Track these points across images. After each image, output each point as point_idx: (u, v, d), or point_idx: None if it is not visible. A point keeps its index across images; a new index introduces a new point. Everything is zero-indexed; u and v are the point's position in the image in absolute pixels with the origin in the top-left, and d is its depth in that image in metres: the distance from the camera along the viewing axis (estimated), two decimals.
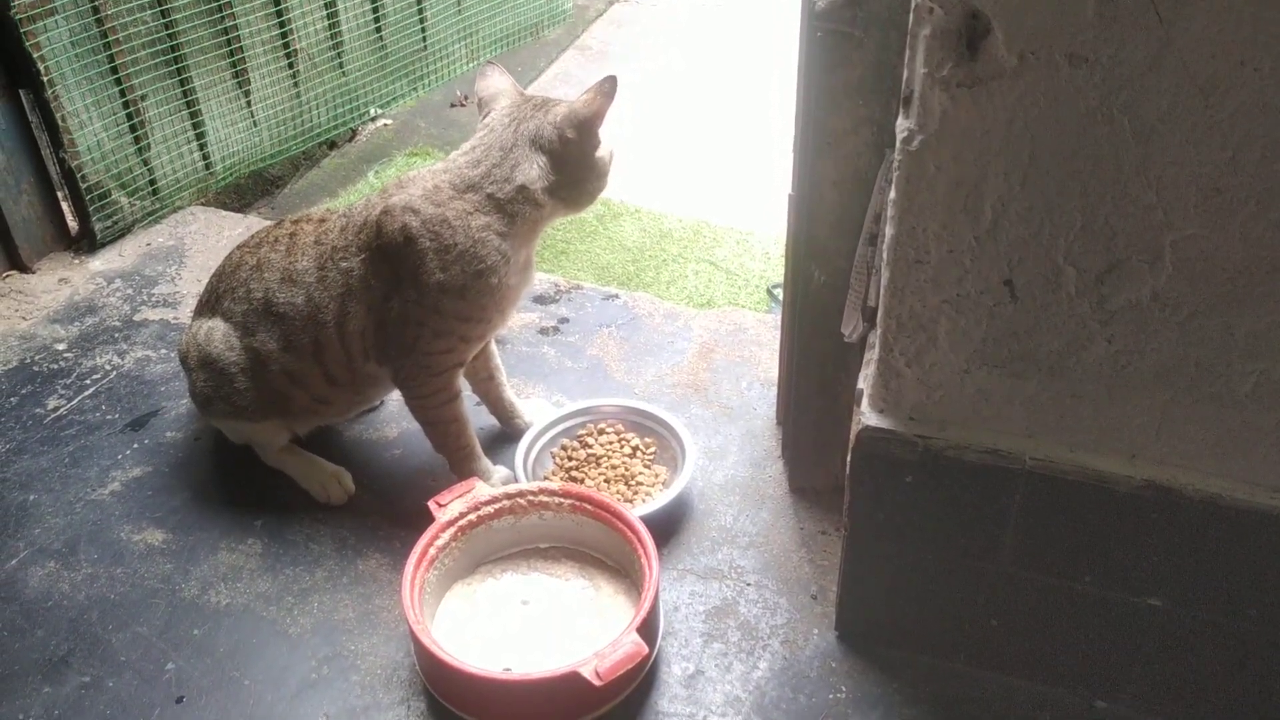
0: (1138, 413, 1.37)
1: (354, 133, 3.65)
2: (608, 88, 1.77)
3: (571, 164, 1.81)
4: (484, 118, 1.85)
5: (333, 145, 3.59)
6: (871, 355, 1.52)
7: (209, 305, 1.98)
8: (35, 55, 2.45)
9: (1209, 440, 1.36)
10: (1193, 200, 1.20)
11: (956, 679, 1.66)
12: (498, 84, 1.87)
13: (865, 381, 1.53)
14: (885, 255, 1.38)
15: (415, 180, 1.81)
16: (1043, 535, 1.49)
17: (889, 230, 1.35)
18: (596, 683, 1.49)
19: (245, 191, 3.31)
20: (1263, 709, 1.53)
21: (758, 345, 2.39)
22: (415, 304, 1.78)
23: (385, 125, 3.74)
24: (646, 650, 1.54)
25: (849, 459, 1.53)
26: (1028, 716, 1.61)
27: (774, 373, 2.22)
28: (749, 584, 1.83)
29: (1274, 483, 1.35)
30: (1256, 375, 1.29)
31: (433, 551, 1.72)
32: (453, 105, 3.98)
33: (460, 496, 1.78)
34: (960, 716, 1.62)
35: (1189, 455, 1.38)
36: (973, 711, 1.62)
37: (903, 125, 1.28)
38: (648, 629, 1.60)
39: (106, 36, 2.59)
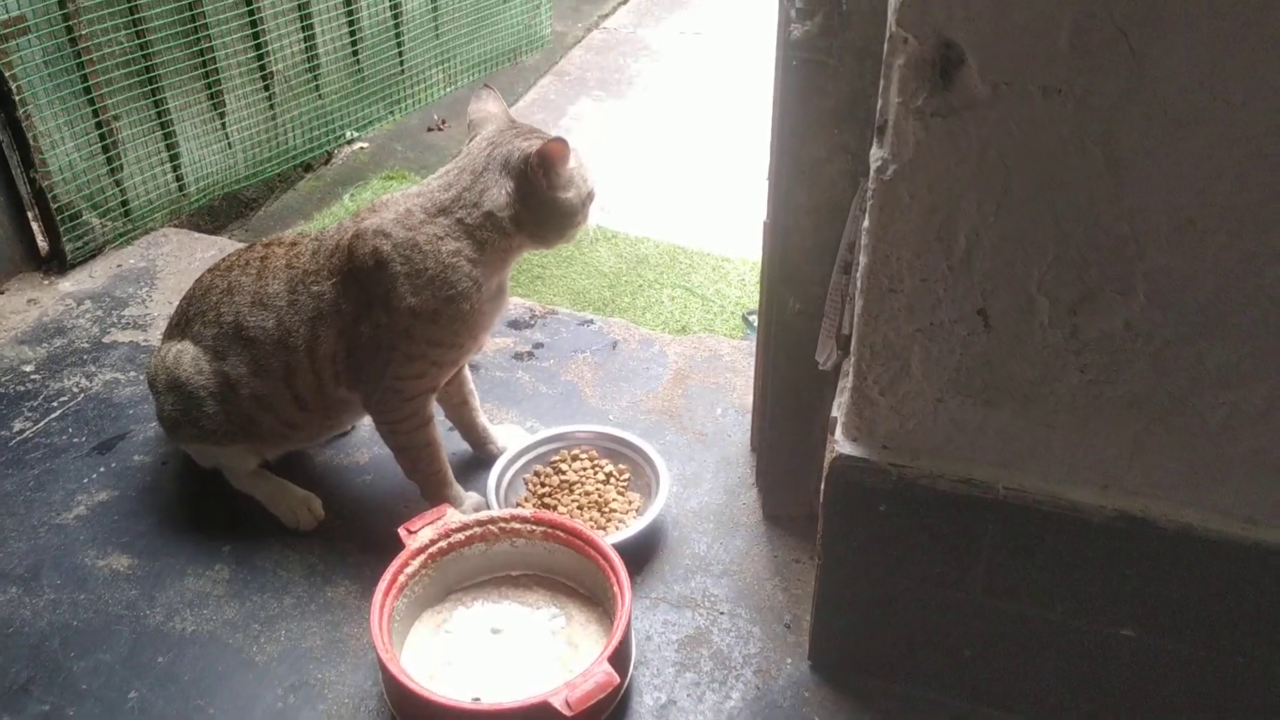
0: (1111, 443, 1.37)
1: (330, 156, 3.64)
2: (565, 146, 1.73)
3: (536, 199, 1.76)
4: (469, 142, 1.84)
5: (308, 168, 3.58)
6: (846, 383, 1.51)
7: (178, 328, 1.96)
8: (8, 74, 2.42)
9: (1182, 470, 1.36)
10: (1165, 231, 1.20)
11: (930, 708, 1.65)
12: (489, 109, 1.86)
13: (839, 410, 1.53)
14: (859, 283, 1.37)
15: (388, 204, 1.80)
16: (1016, 565, 1.48)
17: (863, 259, 1.35)
18: (567, 713, 1.47)
19: (219, 213, 3.29)
20: None
21: (733, 372, 2.38)
22: (387, 329, 1.77)
23: (361, 148, 3.73)
24: (618, 680, 1.53)
25: (823, 487, 1.53)
26: None
27: (749, 399, 2.21)
28: (722, 613, 1.82)
29: (1246, 513, 1.35)
30: (1229, 406, 1.30)
31: (402, 579, 1.70)
32: (430, 129, 3.97)
33: (431, 523, 1.76)
34: None
35: (1162, 485, 1.38)
36: None
37: (877, 154, 1.28)
38: (620, 658, 1.59)
39: (80, 56, 2.57)
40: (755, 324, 2.82)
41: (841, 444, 1.49)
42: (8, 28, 2.41)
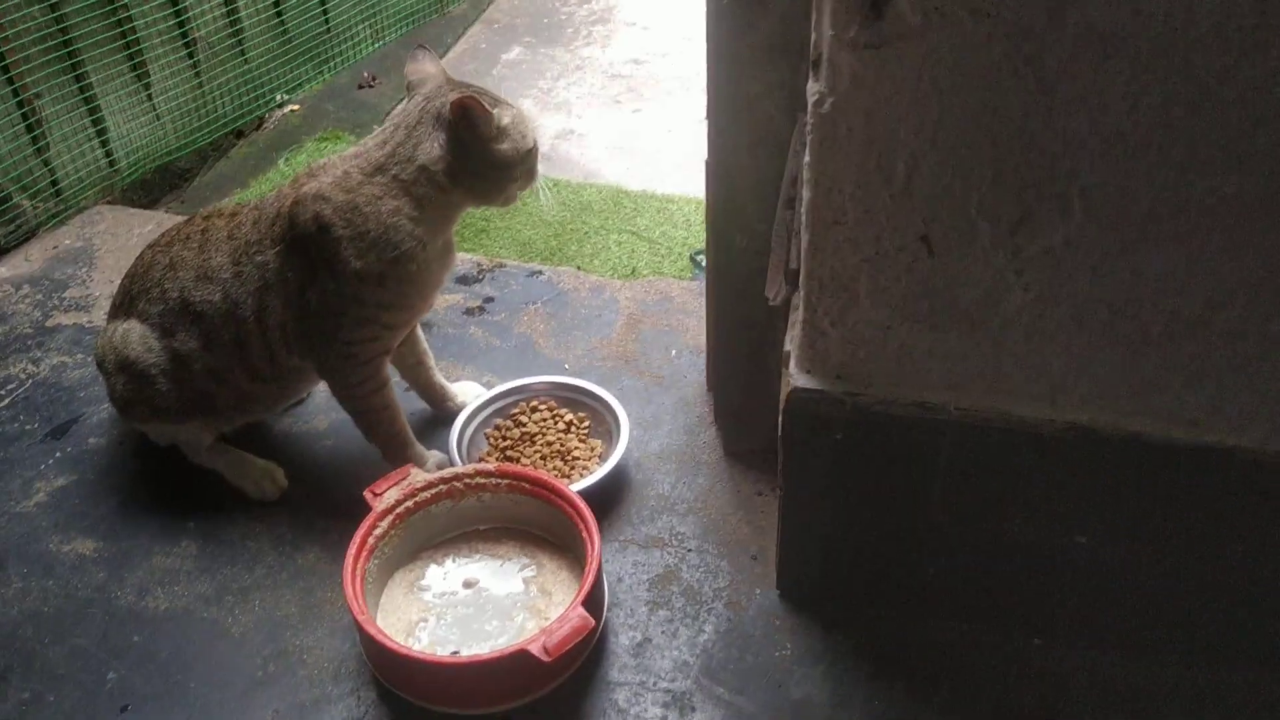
0: (1056, 357, 1.40)
1: (261, 120, 3.58)
2: (481, 98, 1.71)
3: (468, 151, 1.74)
4: (407, 102, 1.82)
5: (240, 134, 3.52)
6: (796, 317, 1.53)
7: (123, 307, 1.94)
8: None
9: (1126, 379, 1.40)
10: (1097, 148, 1.23)
11: (897, 627, 1.70)
12: (426, 69, 1.83)
13: (792, 343, 1.55)
14: (804, 217, 1.39)
15: (326, 168, 1.78)
16: (971, 483, 1.52)
17: (806, 193, 1.36)
18: (545, 659, 1.50)
19: (152, 187, 3.23)
20: (1190, 637, 1.59)
21: (684, 313, 2.40)
22: (335, 294, 1.76)
23: (293, 111, 3.67)
24: (593, 623, 1.55)
25: (780, 420, 1.55)
26: (967, 660, 1.66)
27: (702, 339, 2.23)
28: (690, 549, 1.85)
29: (1189, 416, 1.40)
30: (1167, 315, 1.33)
31: (371, 541, 1.71)
32: (360, 87, 3.91)
33: (396, 484, 1.77)
34: (902, 664, 1.66)
35: (1108, 395, 1.42)
36: (914, 658, 1.66)
37: (813, 89, 1.29)
38: (593, 602, 1.61)
39: None
40: (703, 264, 2.83)
41: (796, 376, 1.51)
42: None
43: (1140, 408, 1.41)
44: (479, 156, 1.75)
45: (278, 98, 3.55)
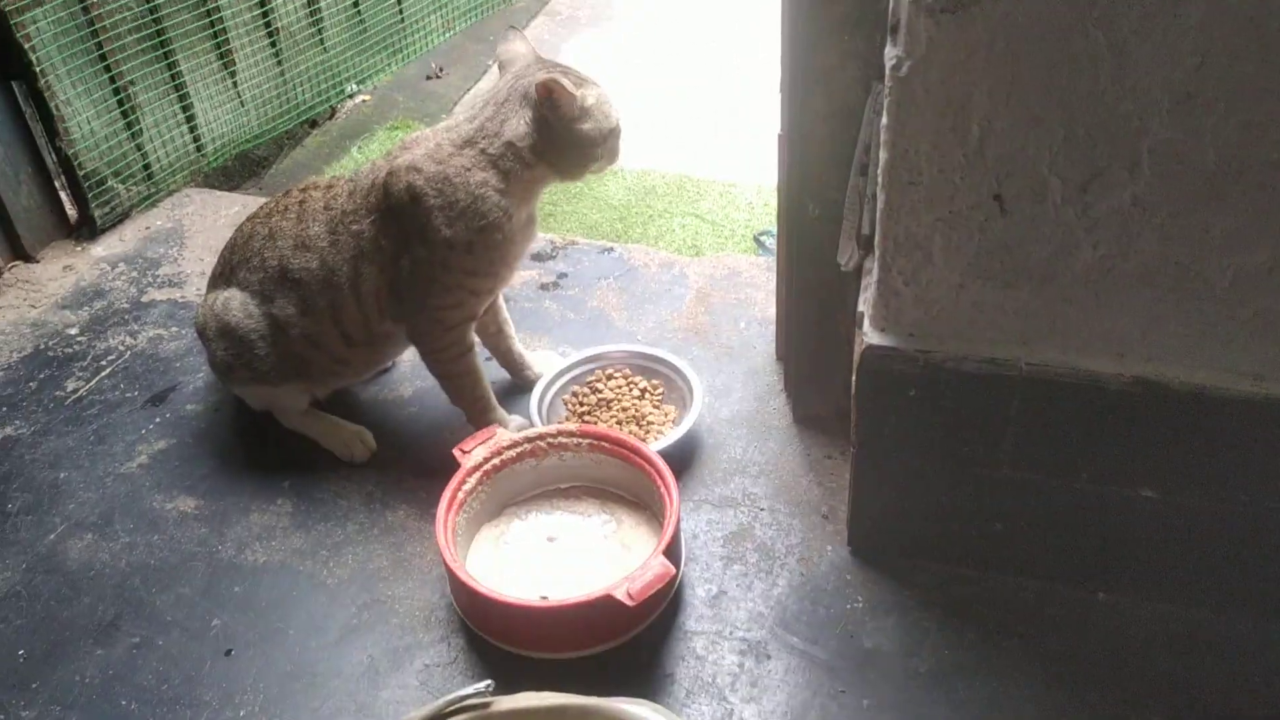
0: (1124, 313, 1.45)
1: (333, 111, 3.70)
2: (563, 80, 1.77)
3: (553, 129, 1.82)
4: (498, 79, 1.90)
5: (314, 124, 3.64)
6: (869, 279, 1.60)
7: (223, 276, 2.04)
8: (26, 46, 2.48)
9: (1192, 334, 1.45)
10: (1166, 106, 1.28)
11: (965, 582, 1.76)
12: (517, 49, 1.92)
13: (865, 304, 1.61)
14: (880, 179, 1.45)
15: (420, 140, 1.87)
16: (1040, 437, 1.58)
17: (883, 155, 1.42)
18: (629, 603, 1.57)
19: (233, 173, 3.36)
20: (1255, 590, 1.63)
21: (752, 287, 2.46)
22: (425, 261, 1.85)
23: (364, 101, 3.79)
24: (674, 570, 1.62)
25: (854, 379, 1.61)
26: (1033, 613, 1.71)
27: (770, 312, 2.30)
28: (762, 509, 1.92)
29: (1254, 370, 1.44)
30: (1233, 270, 1.38)
31: (461, 495, 1.80)
32: (428, 78, 4.03)
33: (483, 443, 1.86)
34: (970, 616, 1.71)
35: (1174, 350, 1.46)
36: (982, 611, 1.72)
37: (891, 53, 1.35)
38: (671, 554, 1.68)
39: (94, 24, 2.63)
40: (767, 244, 2.90)
41: (870, 335, 1.58)
42: (23, 0, 2.47)
43: (1205, 362, 1.46)
44: (562, 135, 1.83)
45: (349, 88, 3.66)
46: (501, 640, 1.69)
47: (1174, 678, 1.60)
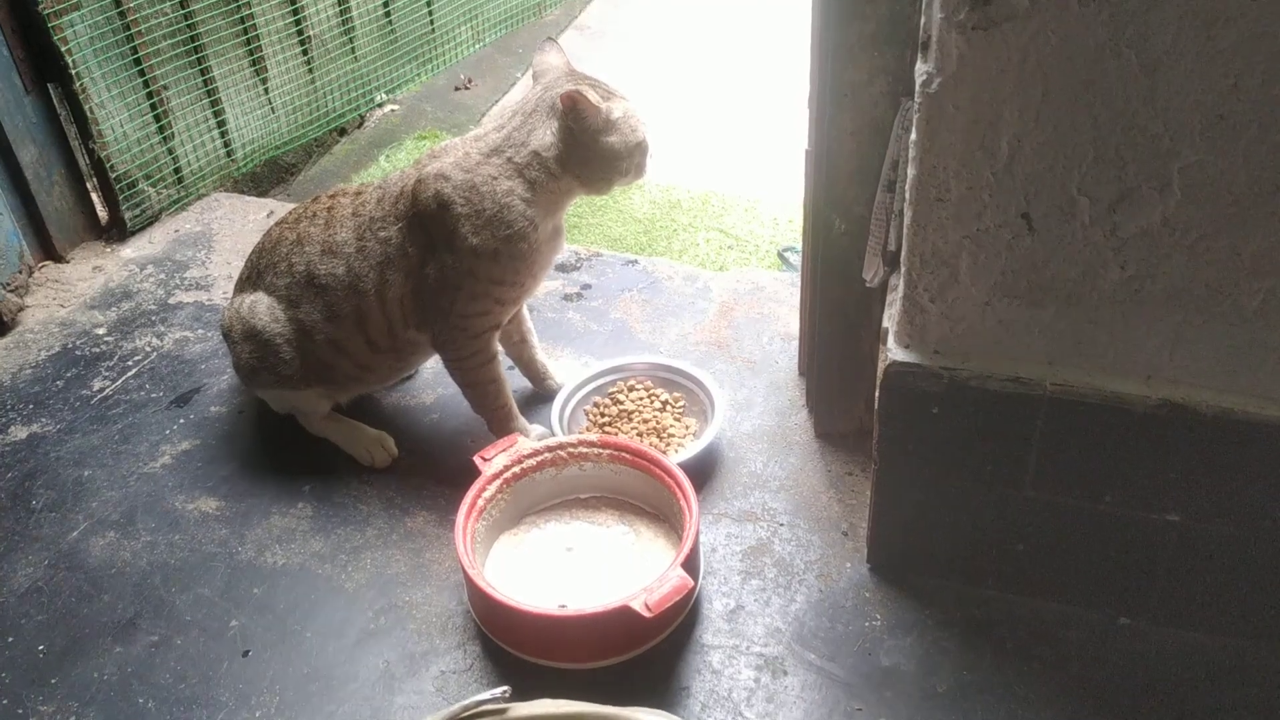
0: (1152, 335, 1.45)
1: (362, 119, 3.72)
2: (586, 93, 1.78)
3: (579, 141, 1.83)
4: (530, 90, 1.91)
5: (343, 132, 3.67)
6: (895, 295, 1.59)
7: (250, 280, 2.06)
8: (63, 49, 2.51)
9: (1220, 358, 1.44)
10: (1198, 128, 1.28)
11: (986, 603, 1.75)
12: (551, 60, 1.94)
13: (890, 320, 1.61)
14: (908, 195, 1.45)
15: (448, 149, 1.88)
16: (1064, 458, 1.57)
17: (911, 171, 1.42)
18: (647, 615, 1.57)
19: (261, 180, 3.38)
20: (1278, 617, 1.61)
21: (776, 302, 2.46)
22: (451, 269, 1.85)
23: (393, 110, 3.81)
24: (692, 583, 1.62)
25: (877, 394, 1.61)
26: (1054, 636, 1.70)
27: (793, 327, 2.30)
28: (782, 524, 1.91)
29: None
30: (1263, 293, 1.37)
31: (481, 502, 1.80)
32: (457, 89, 4.05)
33: (503, 450, 1.86)
34: (990, 638, 1.70)
35: (1201, 373, 1.45)
36: (1001, 633, 1.71)
37: (921, 69, 1.35)
38: (690, 567, 1.68)
39: (129, 29, 2.66)
40: (791, 260, 2.90)
41: (894, 351, 1.57)
42: (60, 3, 2.50)
43: (1234, 385, 1.45)
44: (587, 146, 1.84)
45: (378, 97, 3.69)
46: (518, 649, 1.69)
47: (1196, 706, 1.59)
